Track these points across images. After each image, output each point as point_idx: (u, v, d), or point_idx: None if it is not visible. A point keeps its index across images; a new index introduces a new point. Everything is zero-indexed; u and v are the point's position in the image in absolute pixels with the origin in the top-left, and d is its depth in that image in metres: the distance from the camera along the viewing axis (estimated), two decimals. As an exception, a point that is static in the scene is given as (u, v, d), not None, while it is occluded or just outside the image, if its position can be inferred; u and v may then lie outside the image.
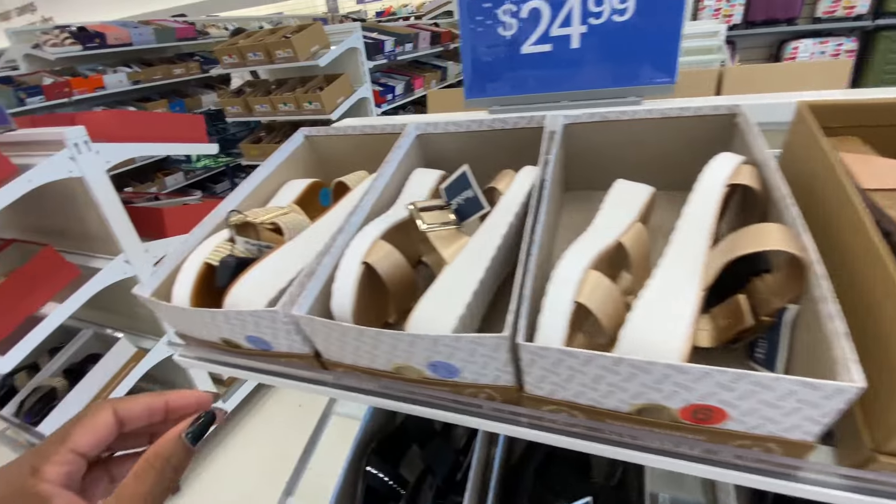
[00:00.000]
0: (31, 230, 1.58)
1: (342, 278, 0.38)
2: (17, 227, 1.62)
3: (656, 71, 0.61)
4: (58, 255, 1.27)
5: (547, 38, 0.64)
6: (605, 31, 0.62)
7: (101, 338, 1.52)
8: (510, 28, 0.65)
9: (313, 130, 0.65)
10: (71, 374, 1.41)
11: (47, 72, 3.00)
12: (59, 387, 1.35)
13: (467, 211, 0.44)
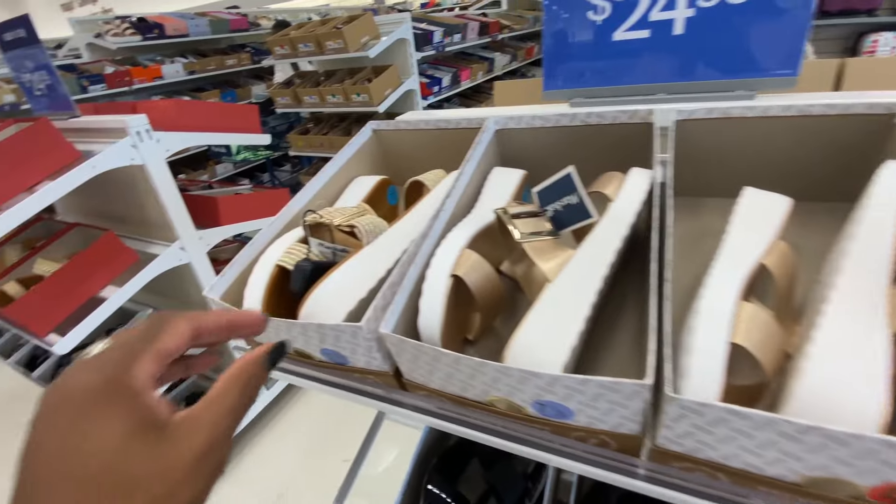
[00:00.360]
0: (94, 214, 1.64)
1: (430, 294, 0.34)
2: (81, 211, 1.68)
3: (776, 62, 0.53)
4: (118, 241, 1.31)
5: (645, 22, 0.57)
6: (717, 16, 0.54)
7: (154, 321, 1.55)
8: (602, 12, 0.58)
9: (382, 124, 0.61)
10: (127, 355, 1.45)
11: (109, 61, 3.13)
12: (115, 368, 1.39)
13: (567, 219, 0.38)
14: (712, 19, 0.54)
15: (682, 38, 0.56)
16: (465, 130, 0.56)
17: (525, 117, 0.52)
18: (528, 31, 4.28)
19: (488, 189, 0.48)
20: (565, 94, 0.64)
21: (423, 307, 0.34)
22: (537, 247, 0.37)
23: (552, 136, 0.53)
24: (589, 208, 0.36)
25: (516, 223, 0.37)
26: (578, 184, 0.36)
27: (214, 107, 1.58)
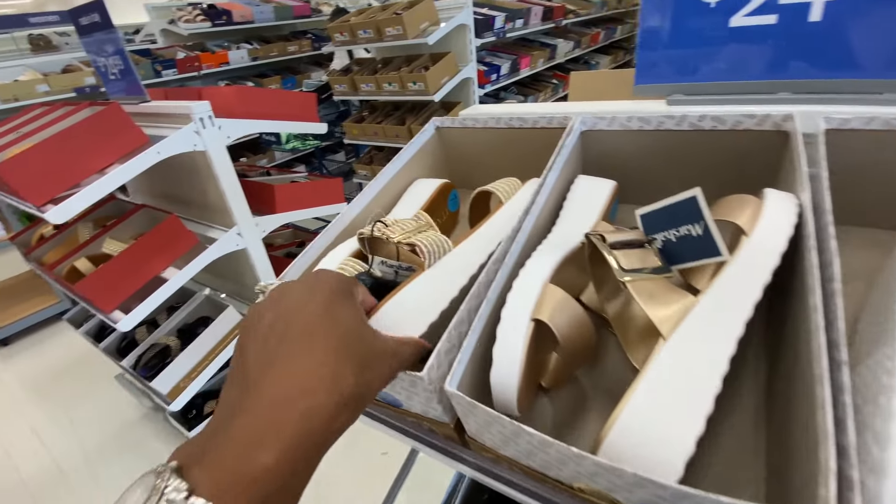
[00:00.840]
0: (161, 196, 1.71)
1: (507, 343, 0.28)
2: (150, 192, 1.76)
3: (952, 55, 0.41)
4: (180, 224, 1.34)
5: (772, 6, 0.47)
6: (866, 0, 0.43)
7: (212, 302, 1.60)
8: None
9: (446, 121, 0.55)
10: (184, 333, 1.51)
11: (181, 46, 3.27)
12: (173, 345, 1.45)
13: (683, 254, 0.31)
14: (860, 4, 0.44)
15: (819, 27, 0.46)
16: (542, 130, 0.49)
17: (619, 117, 0.44)
18: (594, 16, 4.04)
19: (572, 203, 0.41)
20: (662, 89, 0.55)
21: (497, 358, 0.28)
22: (644, 287, 0.29)
23: (648, 140, 0.45)
24: (718, 244, 0.28)
25: (619, 256, 0.30)
26: (706, 211, 0.28)
27: (274, 94, 1.59)
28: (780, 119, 0.38)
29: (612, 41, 4.46)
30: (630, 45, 5.05)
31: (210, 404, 1.62)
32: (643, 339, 0.34)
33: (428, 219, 0.42)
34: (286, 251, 1.94)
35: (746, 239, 0.30)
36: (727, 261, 0.29)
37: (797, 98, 0.49)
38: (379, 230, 0.35)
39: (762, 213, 0.30)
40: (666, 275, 0.31)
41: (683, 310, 0.28)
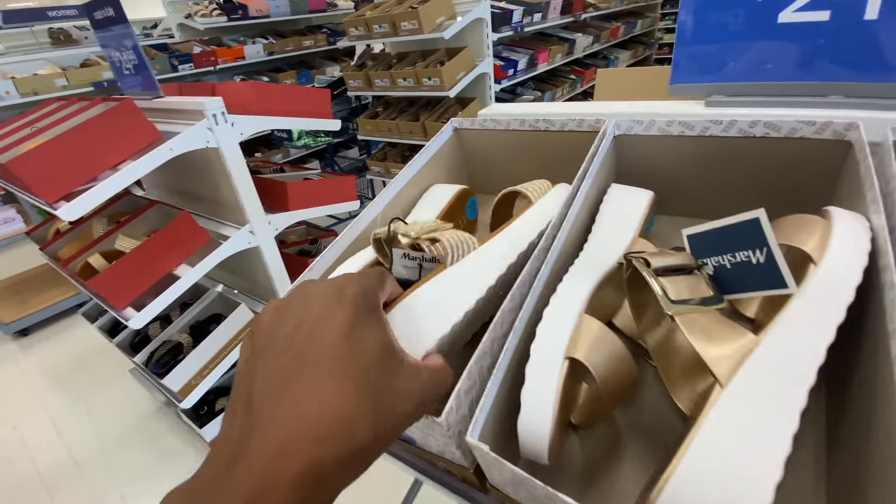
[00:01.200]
0: (174, 192, 1.70)
1: (538, 387, 0.25)
2: (164, 188, 1.76)
3: None
4: (193, 221, 1.33)
5: (826, 1, 0.43)
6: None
7: (224, 299, 1.60)
8: (767, -16, 0.44)
9: (465, 122, 0.52)
10: (196, 330, 1.50)
11: (197, 41, 3.27)
12: (184, 343, 1.45)
13: (739, 283, 0.27)
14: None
15: (875, 25, 0.41)
16: (571, 134, 0.45)
17: (658, 121, 0.40)
18: (613, 10, 3.95)
19: (606, 216, 0.37)
20: (701, 89, 0.51)
21: (526, 403, 0.24)
22: (694, 321, 0.26)
23: (689, 146, 0.41)
24: (784, 274, 0.25)
25: (666, 285, 0.26)
26: (771, 237, 0.25)
27: (287, 90, 1.56)
28: (843, 127, 0.33)
29: (631, 35, 4.36)
30: (650, 39, 4.93)
31: (221, 401, 1.62)
32: (688, 377, 0.30)
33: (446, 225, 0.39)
34: (299, 248, 1.93)
35: (815, 269, 0.26)
36: (793, 294, 0.25)
37: (850, 103, 0.44)
38: (395, 229, 0.32)
39: (832, 238, 0.26)
40: (718, 306, 0.27)
41: (742, 350, 0.24)
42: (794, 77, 0.46)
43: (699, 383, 0.30)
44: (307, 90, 1.58)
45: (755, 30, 0.47)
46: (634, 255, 0.29)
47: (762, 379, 0.23)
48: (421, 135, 2.43)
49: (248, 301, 1.61)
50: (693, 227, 0.29)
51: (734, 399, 0.22)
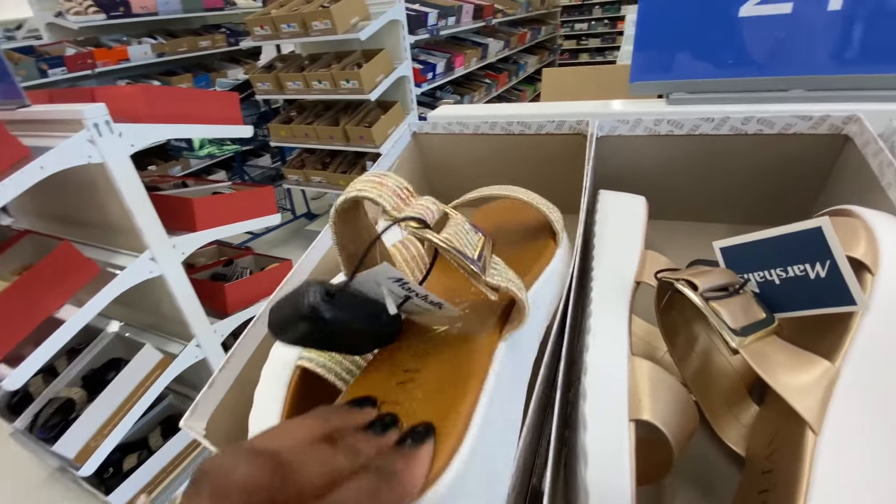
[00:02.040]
0: (48, 218, 1.43)
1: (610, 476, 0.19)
2: (33, 215, 1.47)
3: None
4: (76, 252, 1.11)
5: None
6: (892, -16, 0.39)
7: (123, 340, 1.37)
8: (727, -23, 0.43)
9: (425, 125, 0.45)
10: (90, 382, 1.26)
11: (70, 42, 2.83)
12: (76, 398, 1.21)
13: (791, 299, 0.23)
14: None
15: (838, 17, 0.42)
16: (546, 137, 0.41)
17: (645, 120, 0.37)
18: (520, 16, 4.10)
19: (607, 228, 0.33)
20: (662, 86, 0.49)
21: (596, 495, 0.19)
22: (759, 351, 0.22)
23: (674, 146, 0.38)
24: (853, 290, 0.21)
25: (719, 310, 0.22)
26: (837, 248, 0.21)
27: (188, 94, 1.38)
28: (841, 121, 0.32)
29: (537, 41, 4.57)
30: (553, 45, 5.21)
31: (130, 459, 1.38)
32: (731, 406, 0.27)
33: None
34: (211, 272, 1.72)
35: (875, 278, 0.23)
36: (860, 311, 0.22)
37: (812, 97, 0.45)
38: (446, 242, 0.20)
39: (879, 242, 0.24)
40: (772, 327, 0.23)
41: (822, 381, 0.20)
42: (757, 72, 0.46)
43: (743, 414, 0.27)
44: (212, 93, 1.41)
45: (716, 25, 0.46)
46: (673, 278, 0.24)
47: (860, 422, 0.19)
48: (342, 140, 2.31)
49: (155, 339, 1.39)
50: (726, 240, 0.26)
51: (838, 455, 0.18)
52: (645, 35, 0.48)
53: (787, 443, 0.21)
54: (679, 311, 0.26)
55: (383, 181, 0.21)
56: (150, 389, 1.28)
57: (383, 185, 0.20)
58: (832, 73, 0.44)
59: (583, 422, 0.20)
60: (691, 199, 0.39)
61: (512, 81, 3.93)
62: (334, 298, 0.18)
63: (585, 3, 5.91)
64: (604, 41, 5.98)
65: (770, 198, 0.38)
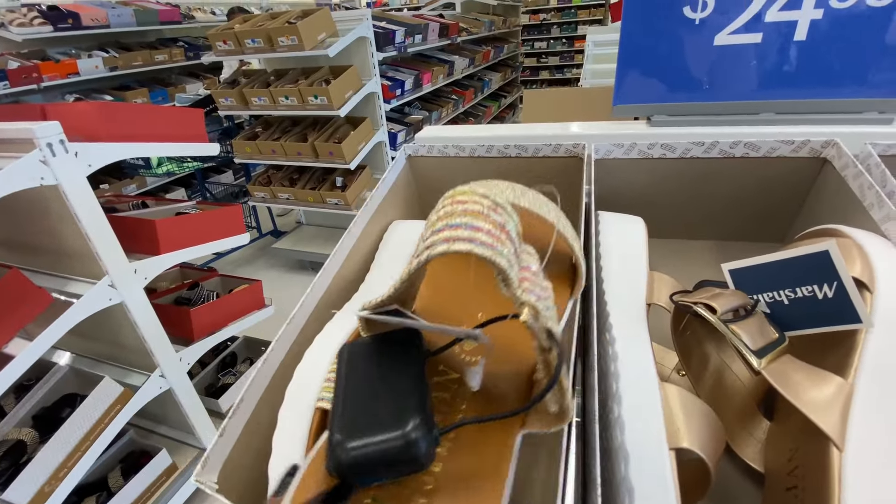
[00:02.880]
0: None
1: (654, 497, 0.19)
2: (-26, 240, 1.35)
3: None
4: (26, 281, 1.03)
5: (758, 24, 0.45)
6: (852, 20, 0.43)
7: (77, 373, 1.27)
8: (703, 8, 0.46)
9: (420, 149, 0.45)
10: (42, 421, 1.16)
11: (13, 54, 2.67)
12: (27, 439, 1.11)
13: (799, 319, 0.25)
14: (845, 24, 0.44)
15: (804, 46, 0.45)
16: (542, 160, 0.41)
17: (640, 144, 0.38)
18: (483, 34, 4.20)
19: (612, 250, 0.33)
20: (644, 109, 0.51)
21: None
22: (778, 370, 0.22)
23: (660, 168, 0.40)
24: (858, 308, 0.23)
25: (739, 333, 0.23)
26: (843, 270, 0.22)
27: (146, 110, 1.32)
28: (820, 145, 0.34)
29: (499, 59, 4.69)
30: (515, 62, 5.37)
31: (87, 502, 1.27)
32: (744, 423, 0.28)
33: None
34: (175, 296, 1.63)
35: (873, 297, 0.24)
36: (865, 328, 0.23)
37: (781, 119, 0.48)
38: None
39: (872, 261, 0.26)
40: (784, 345, 0.24)
41: (839, 397, 0.21)
42: (731, 97, 0.48)
43: (755, 429, 0.28)
44: (174, 110, 1.36)
45: (693, 52, 0.48)
46: (690, 301, 0.25)
47: (880, 434, 0.20)
48: (311, 156, 2.27)
49: (114, 371, 1.30)
50: (735, 262, 0.27)
51: (864, 467, 0.19)
52: (627, 61, 0.50)
53: (810, 459, 0.21)
54: (692, 333, 0.26)
55: (500, 235, 0.18)
56: (109, 426, 1.20)
57: (502, 240, 0.18)
58: (798, 98, 0.47)
59: (623, 454, 0.20)
60: (680, 217, 0.41)
61: (478, 98, 4.01)
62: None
63: (544, 22, 6.13)
64: (562, 59, 6.21)
65: (753, 216, 0.40)
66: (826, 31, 0.45)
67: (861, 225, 0.31)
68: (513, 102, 5.12)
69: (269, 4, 4.74)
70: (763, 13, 0.45)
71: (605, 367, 0.24)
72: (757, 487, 0.27)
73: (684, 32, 0.48)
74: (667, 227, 0.44)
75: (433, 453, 0.16)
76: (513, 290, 0.17)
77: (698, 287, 0.29)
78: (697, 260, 0.44)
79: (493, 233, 0.18)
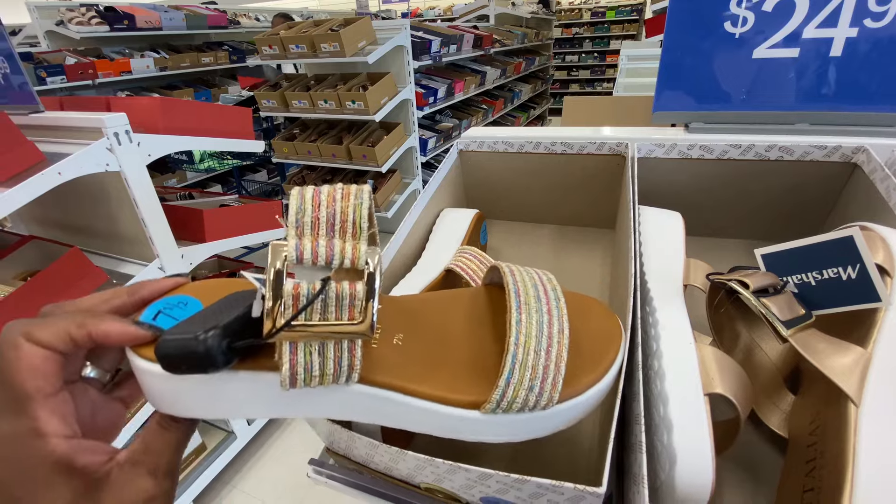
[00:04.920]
0: (52, 225, 1.42)
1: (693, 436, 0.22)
2: (36, 221, 1.46)
3: (961, 94, 0.45)
4: (85, 259, 1.11)
5: (796, 39, 0.48)
6: (886, 37, 0.45)
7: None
8: (743, 23, 0.49)
9: (471, 144, 0.49)
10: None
11: (70, 51, 2.85)
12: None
13: (825, 298, 0.27)
14: (879, 41, 0.46)
15: (839, 62, 0.47)
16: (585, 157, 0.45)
17: (679, 144, 0.42)
18: (516, 46, 4.26)
19: (652, 239, 0.36)
20: (682, 116, 0.54)
21: (682, 451, 0.22)
22: (804, 340, 0.25)
23: (697, 169, 0.43)
24: (878, 288, 0.25)
25: (770, 305, 0.26)
26: (867, 254, 0.25)
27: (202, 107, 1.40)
28: (851, 151, 0.37)
29: (530, 71, 4.74)
30: (546, 75, 5.41)
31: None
32: (770, 395, 0.30)
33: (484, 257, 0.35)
34: (213, 284, 1.71)
35: (893, 281, 0.27)
36: (884, 307, 0.26)
37: (815, 130, 0.50)
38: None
39: (893, 251, 0.28)
40: (810, 322, 0.27)
41: (859, 363, 0.24)
42: (766, 107, 0.51)
43: (781, 401, 0.30)
44: (226, 108, 1.44)
45: (732, 64, 0.51)
46: (725, 279, 0.28)
47: (892, 394, 0.23)
48: (345, 158, 2.35)
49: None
50: (767, 248, 0.30)
51: (877, 420, 0.22)
52: (669, 70, 0.54)
53: (829, 419, 0.24)
54: (726, 311, 0.29)
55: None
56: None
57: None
58: (833, 110, 0.50)
59: (663, 398, 0.23)
60: (716, 216, 0.44)
61: (507, 108, 4.06)
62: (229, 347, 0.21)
63: (576, 36, 6.16)
64: (593, 73, 6.22)
65: (786, 218, 0.43)
66: (860, 48, 0.47)
67: (888, 224, 0.33)
68: (541, 114, 5.16)
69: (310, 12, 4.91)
70: (801, 30, 0.48)
71: (647, 333, 0.28)
72: (779, 454, 0.30)
73: (724, 45, 0.51)
74: (702, 225, 0.46)
75: (221, 359, 0.20)
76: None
77: (733, 270, 0.32)
78: (731, 258, 0.46)
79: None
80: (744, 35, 0.50)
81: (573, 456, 0.31)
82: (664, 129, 0.56)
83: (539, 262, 0.49)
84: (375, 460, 0.26)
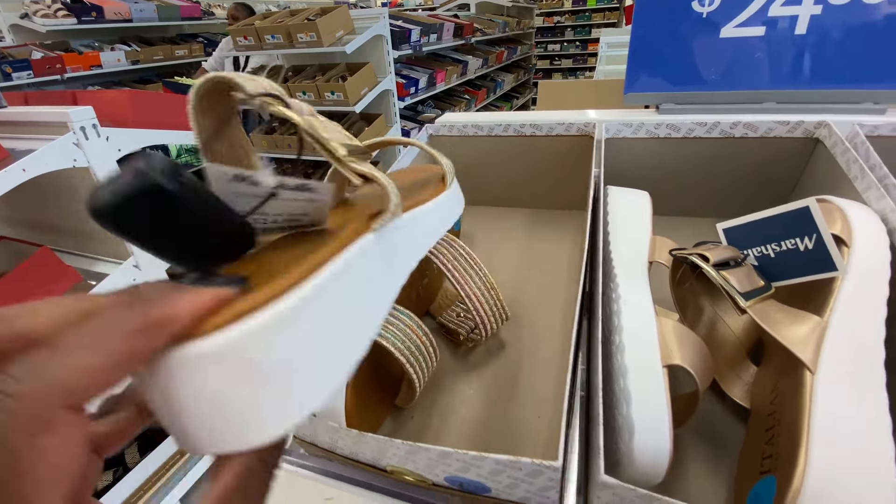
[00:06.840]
0: (21, 225, 1.38)
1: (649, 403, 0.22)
2: (6, 221, 1.41)
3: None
4: (56, 258, 1.08)
5: (762, 18, 0.48)
6: (849, 15, 0.46)
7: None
8: (710, 2, 0.49)
9: (441, 128, 0.49)
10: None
11: (37, 45, 2.75)
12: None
13: (784, 269, 0.28)
14: (843, 19, 0.46)
15: (804, 39, 0.48)
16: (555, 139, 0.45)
17: (647, 124, 0.41)
18: (497, 36, 4.24)
19: (619, 218, 0.36)
20: (653, 98, 0.54)
21: (641, 422, 0.22)
22: (762, 311, 0.26)
23: (664, 148, 0.43)
24: (835, 258, 0.26)
25: (728, 278, 0.26)
26: (822, 224, 0.26)
27: (174, 99, 1.37)
28: (813, 126, 0.37)
29: (512, 60, 4.72)
30: (528, 64, 5.40)
31: (105, 476, 1.32)
32: (733, 367, 0.31)
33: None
34: (193, 281, 1.68)
35: (850, 250, 0.27)
36: (840, 276, 0.26)
37: (782, 108, 0.50)
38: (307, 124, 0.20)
39: (851, 222, 0.29)
40: (769, 293, 0.27)
41: (815, 332, 0.24)
42: (735, 87, 0.51)
43: (744, 373, 0.31)
44: (198, 102, 1.40)
45: (700, 44, 0.51)
46: (686, 253, 0.28)
47: (847, 361, 0.23)
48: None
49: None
50: (728, 222, 0.30)
51: (831, 386, 0.22)
52: (638, 52, 0.53)
53: (787, 387, 0.25)
54: (689, 286, 0.29)
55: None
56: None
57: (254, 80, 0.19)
58: (799, 88, 0.50)
59: (622, 370, 0.23)
60: (683, 196, 0.44)
61: (490, 98, 4.04)
62: (183, 176, 0.15)
63: (558, 25, 6.15)
64: (575, 62, 6.22)
65: (752, 195, 0.43)
66: (825, 25, 0.47)
67: (849, 197, 0.34)
68: (525, 103, 5.15)
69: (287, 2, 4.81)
70: (767, 7, 0.48)
71: (610, 309, 0.28)
72: (742, 425, 0.30)
73: (692, 25, 0.51)
74: (670, 205, 0.47)
75: (186, 196, 0.15)
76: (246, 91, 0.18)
77: (697, 245, 0.32)
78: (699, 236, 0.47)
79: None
80: (711, 14, 0.50)
81: (537, 434, 0.31)
82: (636, 111, 0.56)
83: (512, 245, 0.49)
84: (339, 445, 0.26)
